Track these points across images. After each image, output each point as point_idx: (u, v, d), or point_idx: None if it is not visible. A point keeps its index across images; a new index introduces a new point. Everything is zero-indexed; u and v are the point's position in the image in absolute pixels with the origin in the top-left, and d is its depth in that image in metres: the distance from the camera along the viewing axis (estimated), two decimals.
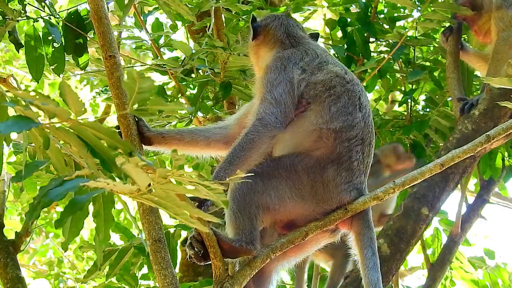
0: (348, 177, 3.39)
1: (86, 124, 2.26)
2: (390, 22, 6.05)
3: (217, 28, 5.57)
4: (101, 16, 3.58)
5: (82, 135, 2.28)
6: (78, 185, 2.18)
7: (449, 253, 5.52)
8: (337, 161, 3.38)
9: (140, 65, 5.97)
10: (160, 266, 3.39)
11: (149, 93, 2.31)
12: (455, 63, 5.67)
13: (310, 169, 3.37)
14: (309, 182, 3.36)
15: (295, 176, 3.37)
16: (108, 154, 2.29)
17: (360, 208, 3.34)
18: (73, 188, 2.19)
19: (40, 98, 2.21)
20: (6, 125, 2.12)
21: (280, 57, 3.64)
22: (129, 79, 2.27)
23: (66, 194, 2.19)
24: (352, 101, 3.49)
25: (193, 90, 5.68)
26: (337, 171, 3.38)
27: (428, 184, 4.93)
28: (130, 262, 5.13)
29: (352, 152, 3.41)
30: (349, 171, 3.40)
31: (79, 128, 2.27)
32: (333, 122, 3.41)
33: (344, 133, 3.41)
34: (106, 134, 2.29)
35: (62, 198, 2.20)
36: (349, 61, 5.86)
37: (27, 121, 2.17)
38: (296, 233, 3.29)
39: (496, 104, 5.04)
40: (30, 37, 4.91)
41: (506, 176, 6.10)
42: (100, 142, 2.29)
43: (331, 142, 3.39)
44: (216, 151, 3.85)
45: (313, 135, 3.42)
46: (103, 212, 2.82)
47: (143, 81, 2.27)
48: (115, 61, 3.52)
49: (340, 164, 3.39)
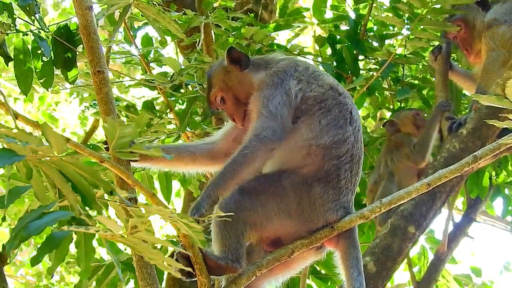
0: (335, 195, 3.38)
1: (68, 161, 2.29)
2: (380, 40, 6.08)
3: (206, 44, 5.58)
4: (90, 32, 3.59)
5: (64, 171, 2.31)
6: (57, 219, 2.22)
7: (435, 271, 5.52)
8: (325, 179, 3.38)
9: (129, 80, 5.97)
10: (146, 282, 3.38)
11: (130, 137, 2.38)
12: (444, 81, 5.68)
13: (297, 186, 3.36)
14: (296, 199, 3.36)
15: (282, 192, 3.36)
16: (88, 191, 2.34)
17: (347, 226, 3.34)
18: (52, 222, 2.22)
19: (22, 136, 2.23)
20: None
21: (276, 71, 3.61)
22: (110, 126, 2.32)
23: (45, 228, 2.21)
24: (343, 114, 3.49)
25: (182, 105, 5.69)
26: (324, 188, 3.37)
27: (415, 202, 4.94)
28: (117, 278, 5.11)
29: (341, 171, 3.41)
30: (337, 189, 3.40)
31: (61, 164, 2.30)
32: (323, 136, 3.40)
33: (334, 149, 3.40)
34: (87, 172, 2.34)
35: (40, 232, 2.22)
36: (338, 78, 5.83)
37: (10, 154, 2.19)
38: (282, 250, 3.28)
39: (484, 123, 5.05)
40: (19, 51, 4.89)
41: (493, 195, 6.12)
42: (81, 179, 2.33)
43: (320, 159, 3.38)
44: (202, 167, 3.84)
45: (301, 152, 3.41)
46: (83, 244, 2.83)
47: (123, 128, 2.33)
48: (103, 76, 3.52)
49: (327, 182, 3.38)
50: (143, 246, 2.27)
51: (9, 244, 2.26)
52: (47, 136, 2.27)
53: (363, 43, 5.91)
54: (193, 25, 5.41)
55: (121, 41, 5.73)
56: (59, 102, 9.19)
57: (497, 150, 3.20)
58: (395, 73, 6.19)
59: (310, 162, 3.40)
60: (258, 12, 6.56)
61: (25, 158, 2.24)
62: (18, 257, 9.29)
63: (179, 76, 5.23)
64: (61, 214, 2.24)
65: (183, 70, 5.23)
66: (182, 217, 2.24)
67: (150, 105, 5.55)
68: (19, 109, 8.72)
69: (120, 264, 4.99)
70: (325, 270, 5.78)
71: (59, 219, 2.22)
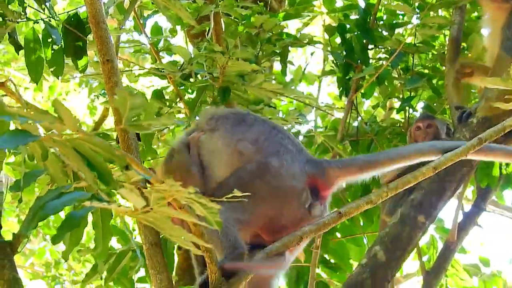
0: (293, 157, 3.44)
1: (83, 138, 2.26)
2: (389, 29, 6.05)
3: (216, 33, 5.60)
4: (99, 20, 3.65)
5: (79, 149, 2.28)
6: (75, 199, 2.19)
7: (444, 261, 5.50)
8: (274, 153, 3.43)
9: (139, 69, 5.99)
10: (156, 270, 3.42)
11: (141, 108, 2.32)
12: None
13: (256, 173, 3.39)
14: (264, 182, 3.36)
15: (249, 185, 3.27)
16: (105, 168, 2.30)
17: (354, 212, 3.31)
18: (71, 202, 2.20)
19: (36, 114, 2.19)
20: (2, 140, 2.12)
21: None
22: (120, 97, 2.27)
23: (63, 208, 2.20)
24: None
25: (191, 94, 5.69)
26: (279, 158, 3.41)
27: (425, 192, 4.93)
28: (128, 266, 5.15)
29: (277, 140, 3.50)
30: (290, 152, 3.46)
31: (76, 142, 2.27)
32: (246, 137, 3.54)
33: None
34: (102, 148, 2.30)
35: (58, 212, 2.21)
36: (347, 67, 5.87)
37: (25, 135, 2.16)
38: (290, 237, 3.24)
39: (494, 112, 5.03)
40: (29, 39, 4.93)
41: (503, 184, 6.11)
42: (97, 156, 2.29)
43: (254, 151, 3.47)
44: None
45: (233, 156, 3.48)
46: (101, 225, 2.84)
47: (133, 98, 2.27)
48: (112, 65, 3.58)
49: (278, 153, 3.43)
50: (164, 222, 2.24)
51: (27, 224, 2.21)
52: (60, 113, 2.24)
53: (372, 32, 5.87)
54: (203, 14, 5.43)
55: (130, 30, 5.75)
56: (69, 91, 9.21)
57: (502, 132, 3.24)
58: (405, 62, 6.15)
59: (248, 156, 3.47)
60: (268, 1, 6.56)
61: (40, 138, 2.21)
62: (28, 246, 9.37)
63: (189, 65, 5.23)
64: (80, 194, 2.22)
65: (193, 59, 5.23)
66: (200, 198, 2.20)
67: (160, 94, 5.56)
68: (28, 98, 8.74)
69: (131, 253, 5.03)
70: (335, 260, 5.81)
71: (77, 198, 2.20)
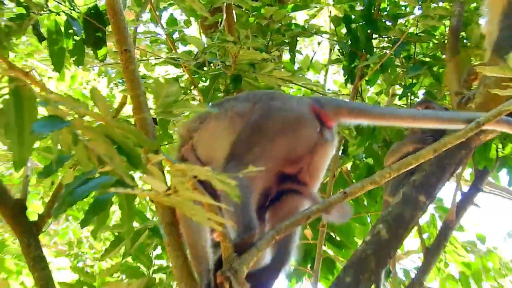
0: (290, 97, 3.44)
1: (114, 124, 2.32)
2: (393, 20, 6.21)
3: (228, 23, 5.78)
4: (117, 12, 3.65)
5: (109, 134, 2.34)
6: (101, 184, 2.25)
7: (444, 238, 5.64)
8: (273, 98, 3.37)
9: (155, 59, 6.13)
10: (173, 247, 3.54)
11: (176, 96, 2.41)
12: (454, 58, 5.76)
13: (262, 117, 3.30)
14: (272, 120, 3.27)
15: (259, 130, 3.26)
16: (135, 152, 2.34)
17: (358, 192, 3.29)
18: (97, 187, 2.26)
19: (70, 101, 2.27)
20: (38, 125, 2.17)
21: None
22: (156, 84, 2.37)
23: (90, 194, 2.26)
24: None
25: (205, 82, 5.84)
26: (279, 99, 3.36)
27: (425, 173, 5.09)
28: (145, 243, 5.35)
29: (268, 91, 3.52)
30: (285, 94, 3.48)
31: (107, 127, 2.33)
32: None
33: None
34: (132, 133, 2.35)
35: (86, 197, 2.26)
36: (352, 56, 6.05)
37: (58, 121, 2.22)
38: (298, 216, 3.23)
39: (492, 98, 5.15)
40: (52, 31, 5.13)
41: (499, 166, 6.28)
42: (127, 141, 2.34)
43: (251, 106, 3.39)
44: None
45: (233, 122, 3.38)
46: (126, 206, 3.02)
47: (169, 86, 2.38)
48: (130, 55, 3.59)
49: (275, 96, 3.40)
50: (187, 204, 2.29)
51: (58, 209, 2.26)
52: (95, 100, 2.33)
53: (377, 23, 6.06)
54: (216, 5, 5.60)
55: (147, 21, 5.93)
56: (89, 81, 9.39)
57: (499, 116, 3.28)
58: (407, 51, 6.33)
59: (238, 122, 3.37)
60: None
61: (72, 124, 2.26)
62: (52, 226, 9.58)
63: (202, 54, 5.40)
64: (105, 178, 2.27)
65: (207, 48, 5.40)
66: (219, 174, 2.25)
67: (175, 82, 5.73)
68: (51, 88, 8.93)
69: (148, 231, 5.20)
70: (340, 237, 5.98)
71: (103, 183, 2.25)
